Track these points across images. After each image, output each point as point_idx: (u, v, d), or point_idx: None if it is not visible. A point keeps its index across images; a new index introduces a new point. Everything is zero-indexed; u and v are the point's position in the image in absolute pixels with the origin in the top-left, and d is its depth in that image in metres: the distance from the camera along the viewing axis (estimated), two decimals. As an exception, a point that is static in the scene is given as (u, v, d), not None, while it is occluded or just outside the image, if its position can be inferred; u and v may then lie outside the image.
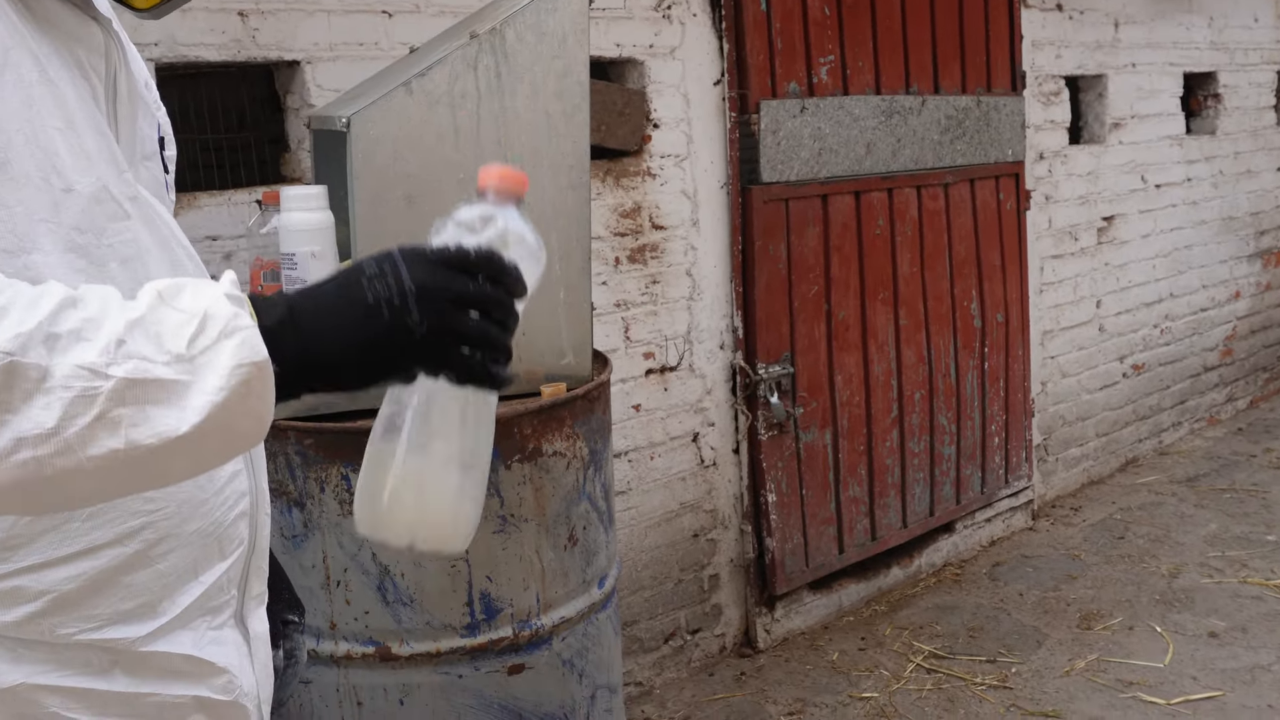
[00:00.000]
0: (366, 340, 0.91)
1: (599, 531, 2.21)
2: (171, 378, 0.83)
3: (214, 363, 0.84)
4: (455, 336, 0.92)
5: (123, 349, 0.82)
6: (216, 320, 0.86)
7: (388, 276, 0.91)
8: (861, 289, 3.73)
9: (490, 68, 1.96)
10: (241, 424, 0.87)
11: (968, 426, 4.20)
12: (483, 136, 1.99)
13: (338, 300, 0.91)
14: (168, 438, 0.83)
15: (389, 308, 0.90)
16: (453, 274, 0.93)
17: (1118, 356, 5.07)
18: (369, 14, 2.62)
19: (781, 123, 3.37)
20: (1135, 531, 4.49)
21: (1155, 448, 5.40)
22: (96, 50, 1.06)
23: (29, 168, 0.93)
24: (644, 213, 3.21)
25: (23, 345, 0.79)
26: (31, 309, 0.81)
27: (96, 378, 0.81)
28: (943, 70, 3.90)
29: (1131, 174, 4.95)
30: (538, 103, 2.01)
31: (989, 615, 3.84)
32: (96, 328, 0.82)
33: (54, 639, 0.99)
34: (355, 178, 1.93)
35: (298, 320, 0.91)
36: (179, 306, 0.86)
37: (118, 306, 0.85)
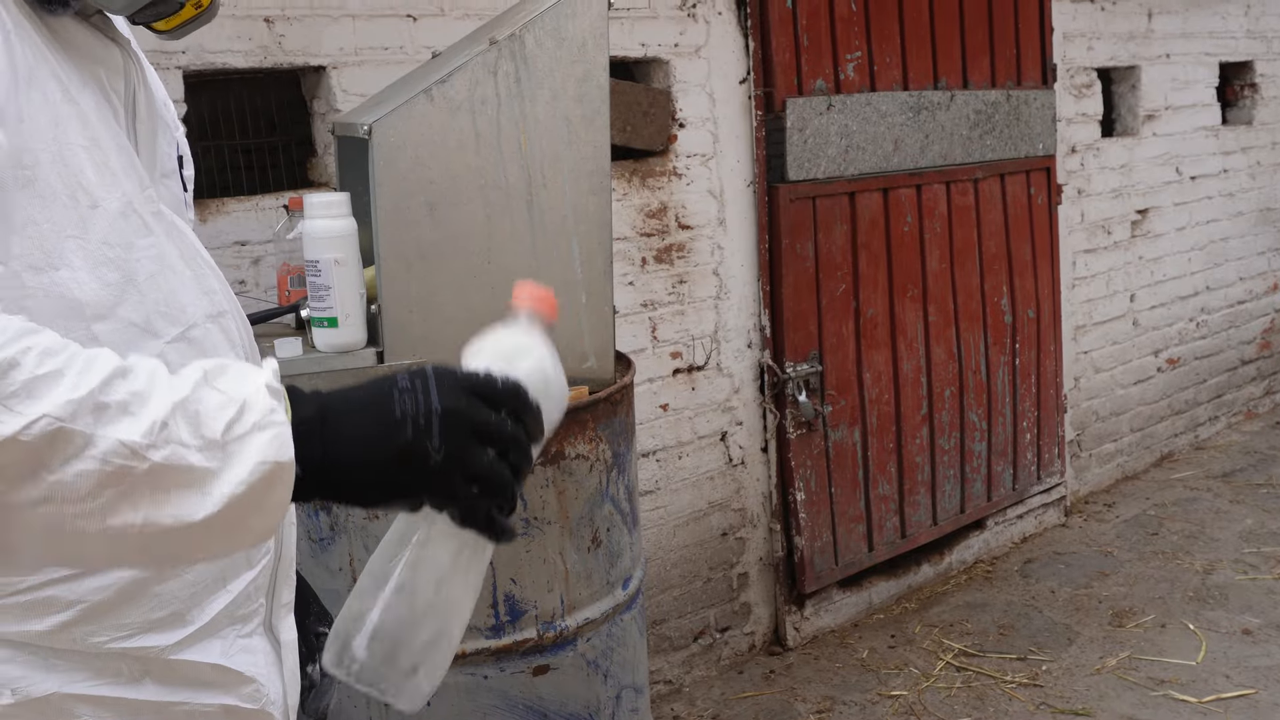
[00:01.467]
0: (385, 455, 0.91)
1: (623, 533, 2.22)
2: (201, 465, 0.85)
3: (242, 454, 0.86)
4: (468, 471, 0.92)
5: (164, 433, 0.84)
6: (254, 411, 0.87)
7: (418, 393, 0.91)
8: (890, 286, 3.71)
9: (510, 73, 1.97)
10: (253, 520, 0.88)
11: (999, 423, 4.18)
12: (503, 142, 2.00)
13: (366, 409, 0.92)
14: (185, 522, 0.85)
15: (413, 426, 0.91)
16: (478, 403, 0.93)
17: (1152, 351, 5.02)
18: (393, 18, 2.63)
19: (808, 120, 3.36)
20: (1169, 528, 4.45)
21: (1191, 442, 5.35)
22: (116, 71, 1.08)
23: (56, 185, 0.95)
24: (670, 213, 3.21)
25: (73, 413, 0.81)
26: (84, 375, 0.83)
27: (135, 458, 0.83)
28: (971, 64, 3.88)
29: (1166, 166, 4.90)
30: (558, 107, 2.02)
31: (1020, 613, 3.82)
32: (143, 404, 0.84)
33: (85, 648, 1.01)
34: (377, 184, 1.95)
35: (326, 423, 0.91)
36: (220, 388, 0.88)
37: (165, 383, 0.86)
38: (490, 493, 0.94)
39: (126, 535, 0.85)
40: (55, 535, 0.84)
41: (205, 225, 2.43)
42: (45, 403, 0.81)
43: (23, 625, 0.98)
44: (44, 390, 0.81)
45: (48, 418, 0.80)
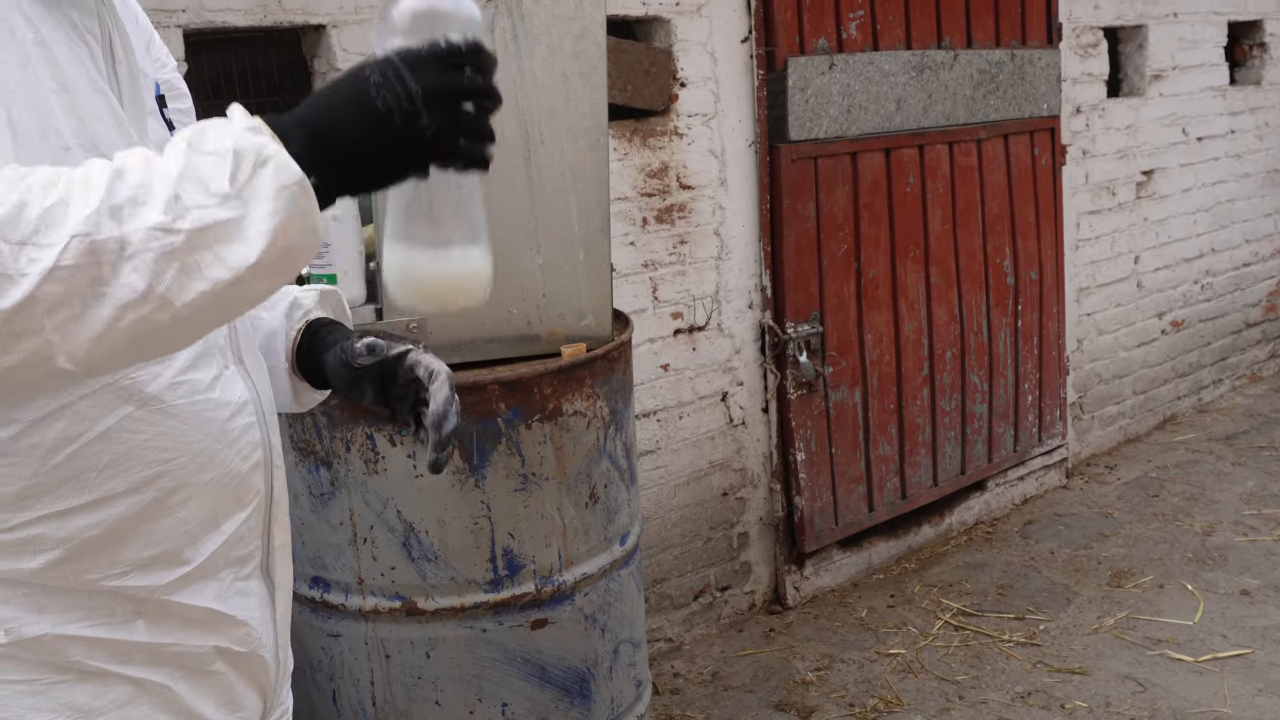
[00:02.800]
0: (383, 147, 0.95)
1: (620, 490, 2.23)
2: (228, 216, 0.89)
3: (258, 193, 0.90)
4: (458, 130, 0.97)
5: (179, 203, 0.88)
6: (248, 154, 0.91)
7: (394, 84, 0.94)
8: (892, 247, 3.71)
9: (507, 30, 1.97)
10: (298, 239, 0.93)
11: (1000, 385, 4.18)
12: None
13: (351, 114, 0.96)
14: (243, 268, 0.90)
15: (400, 113, 0.94)
16: (451, 72, 0.96)
17: (1156, 313, 5.01)
18: (393, -24, 2.62)
19: (810, 80, 3.35)
20: (1170, 490, 4.46)
21: (1194, 405, 5.35)
22: (89, 13, 1.10)
23: (29, 126, 0.98)
24: (671, 172, 3.21)
25: (95, 224, 0.85)
26: (88, 191, 0.87)
27: (168, 235, 0.87)
28: (975, 23, 3.85)
29: (1172, 127, 4.88)
30: (555, 64, 2.02)
31: (1019, 573, 3.84)
32: (148, 190, 0.88)
33: (78, 585, 1.04)
34: (375, 141, 1.95)
35: (319, 140, 0.95)
36: (208, 150, 0.91)
37: (159, 166, 0.91)
38: (477, 137, 0.99)
39: (204, 305, 0.90)
40: (149, 339, 0.89)
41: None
42: (67, 226, 0.85)
43: (16, 563, 1.01)
44: (59, 217, 0.85)
45: (76, 237, 0.84)
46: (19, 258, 0.83)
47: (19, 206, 0.84)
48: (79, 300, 0.85)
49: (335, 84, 0.98)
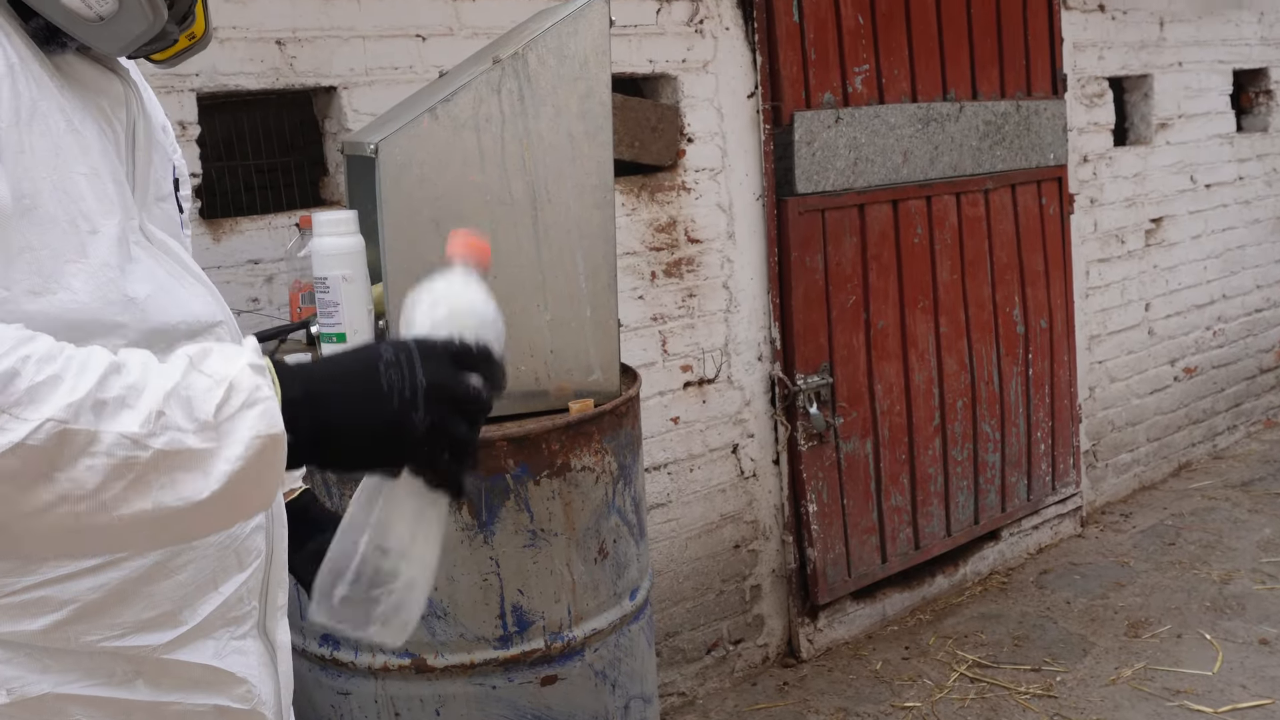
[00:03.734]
0: (372, 427, 0.96)
1: (630, 544, 2.24)
2: (199, 447, 0.90)
3: (235, 432, 0.91)
4: (445, 441, 0.98)
5: (161, 420, 0.89)
6: (240, 390, 0.92)
7: (403, 367, 0.96)
8: (900, 298, 3.73)
9: (513, 91, 2.00)
10: (252, 492, 0.93)
11: (1012, 433, 4.18)
12: (507, 159, 2.03)
13: (353, 384, 0.97)
14: (191, 502, 0.90)
15: (399, 399, 0.96)
16: (458, 374, 0.98)
17: (1169, 360, 5.01)
18: (403, 38, 2.67)
19: (816, 133, 3.38)
20: (1187, 537, 4.43)
21: (1209, 452, 5.33)
22: (118, 101, 1.13)
23: (56, 212, 0.99)
24: (679, 226, 3.24)
25: (75, 413, 0.86)
26: (80, 376, 0.88)
27: (137, 448, 0.88)
28: (980, 75, 3.89)
29: (1180, 174, 4.90)
30: (561, 124, 2.05)
31: (1035, 624, 3.81)
32: (138, 395, 0.89)
33: (79, 647, 1.05)
34: (384, 201, 1.98)
35: (314, 398, 0.96)
36: (207, 371, 0.92)
37: (156, 374, 0.91)
38: (461, 458, 0.99)
39: (139, 523, 0.89)
40: (70, 534, 0.88)
41: (219, 244, 2.47)
42: (48, 407, 0.85)
43: (17, 625, 1.02)
44: (45, 395, 0.85)
45: (52, 421, 0.85)
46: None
47: (10, 375, 0.85)
48: (27, 479, 0.85)
49: (350, 352, 0.99)
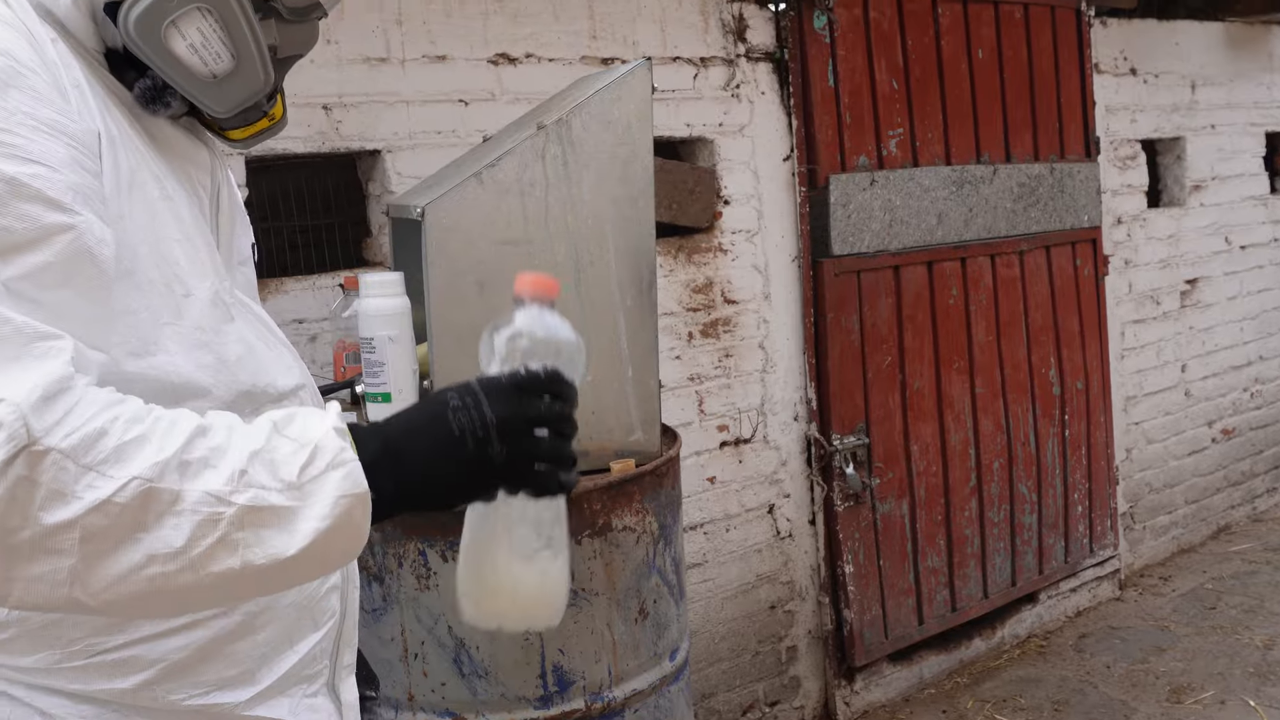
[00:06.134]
0: (454, 470, 1.00)
1: (670, 605, 2.24)
2: (283, 504, 0.93)
3: (321, 492, 0.94)
4: (531, 458, 1.02)
5: (244, 478, 0.92)
6: (325, 452, 0.95)
7: (470, 409, 1.00)
8: (936, 358, 3.73)
9: (557, 156, 2.04)
10: (338, 548, 0.96)
11: (1049, 495, 4.15)
12: (550, 223, 2.06)
13: (427, 434, 1.01)
14: (277, 559, 0.93)
15: (473, 439, 1.00)
16: (526, 400, 1.02)
17: (1206, 421, 4.97)
18: (446, 103, 2.73)
19: (851, 196, 3.41)
20: (1227, 601, 4.38)
21: (1249, 514, 5.27)
22: (204, 168, 1.17)
23: (153, 276, 1.03)
24: (716, 287, 3.27)
25: (160, 472, 0.89)
26: (167, 437, 0.91)
27: (221, 504, 0.91)
28: (1014, 139, 3.92)
29: (1214, 236, 4.89)
30: (604, 189, 2.08)
31: (1075, 688, 3.76)
32: (222, 455, 0.92)
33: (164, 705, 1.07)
34: (429, 264, 2.01)
35: (392, 454, 1.00)
36: (291, 435, 0.96)
37: (240, 435, 0.95)
38: (554, 463, 1.03)
39: (226, 581, 0.92)
40: (161, 594, 0.91)
41: (265, 304, 2.50)
42: (134, 465, 0.88)
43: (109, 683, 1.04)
44: (132, 454, 0.88)
45: (138, 479, 0.88)
46: (80, 480, 0.86)
47: (99, 433, 0.88)
48: (114, 538, 0.88)
49: (417, 404, 1.04)
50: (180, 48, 1.07)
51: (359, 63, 2.61)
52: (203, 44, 1.08)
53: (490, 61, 2.79)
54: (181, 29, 1.06)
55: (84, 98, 1.01)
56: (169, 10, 1.05)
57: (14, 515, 0.84)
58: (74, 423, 0.87)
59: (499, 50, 2.80)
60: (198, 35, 1.07)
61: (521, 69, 2.83)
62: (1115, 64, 4.39)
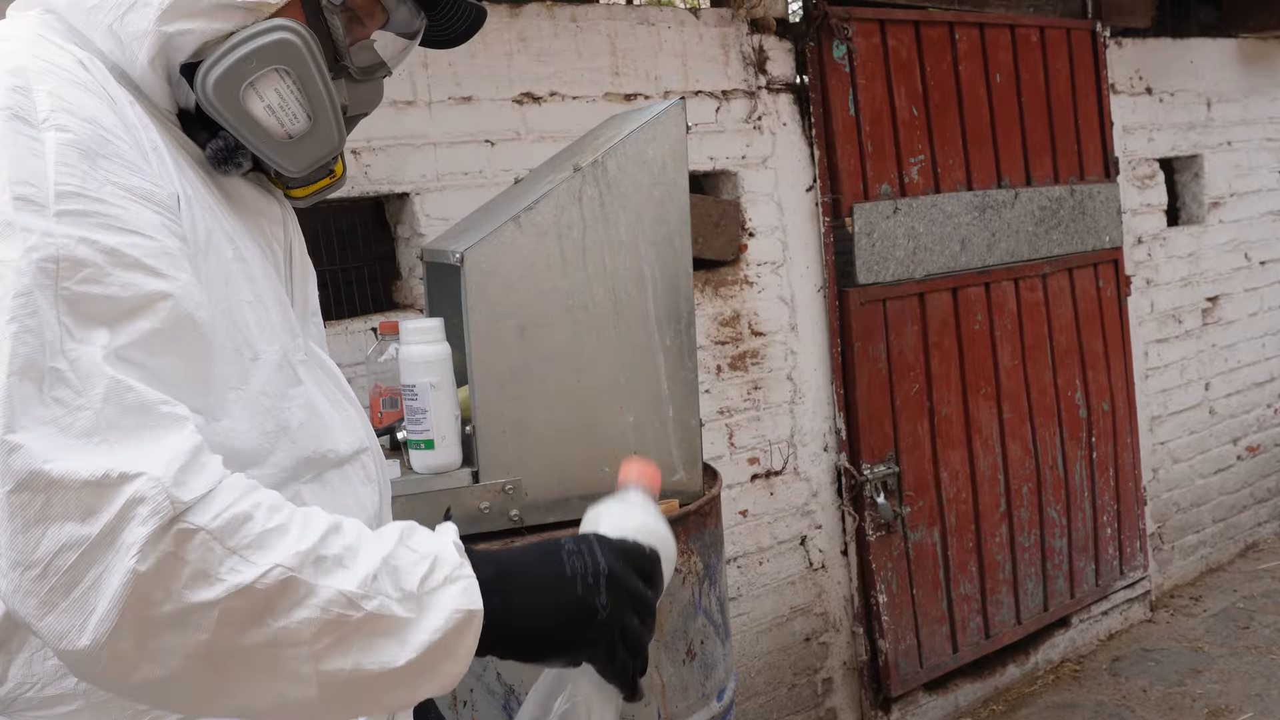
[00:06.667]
0: (558, 610, 0.99)
1: (716, 644, 2.22)
2: (402, 615, 0.92)
3: (437, 604, 0.93)
4: (622, 631, 1.01)
5: (375, 584, 0.91)
6: (445, 565, 0.95)
7: (585, 555, 1.00)
8: (963, 384, 3.72)
9: (594, 198, 2.03)
10: (444, 665, 0.94)
11: (1078, 518, 4.13)
12: (589, 264, 2.05)
13: (539, 567, 1.00)
14: (385, 668, 0.91)
15: (582, 584, 0.99)
16: (633, 570, 1.02)
17: (1230, 439, 4.95)
18: (472, 144, 2.73)
19: (875, 224, 3.41)
20: (1260, 620, 4.34)
21: (1276, 531, 5.23)
22: (276, 222, 1.16)
23: (224, 340, 1.02)
24: (743, 320, 3.26)
25: (300, 563, 0.89)
26: (305, 530, 0.91)
27: (351, 607, 0.90)
28: (1034, 162, 3.92)
29: (1234, 252, 4.88)
30: (641, 229, 2.08)
31: (1112, 713, 3.73)
32: (354, 556, 0.92)
33: None
34: (469, 309, 2.00)
35: (504, 578, 0.99)
36: (413, 546, 0.95)
37: (370, 540, 0.94)
38: (635, 654, 1.02)
39: (335, 680, 0.90)
40: (271, 674, 0.89)
41: (297, 350, 2.50)
42: (276, 553, 0.88)
43: None
44: (274, 542, 0.88)
45: (280, 567, 0.87)
46: (224, 562, 0.86)
47: (245, 518, 0.87)
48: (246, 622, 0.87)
49: (534, 542, 1.04)
50: (258, 109, 1.06)
51: (386, 106, 2.60)
52: (280, 105, 1.07)
53: (515, 101, 2.79)
54: (259, 90, 1.06)
55: (162, 160, 1.00)
56: (248, 72, 1.04)
57: (157, 589, 0.84)
58: (220, 504, 0.86)
59: (524, 89, 2.80)
60: (275, 97, 1.07)
61: (546, 108, 2.83)
62: (1131, 83, 4.39)
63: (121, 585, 0.83)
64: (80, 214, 0.89)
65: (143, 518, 0.83)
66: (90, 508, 0.82)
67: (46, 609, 0.83)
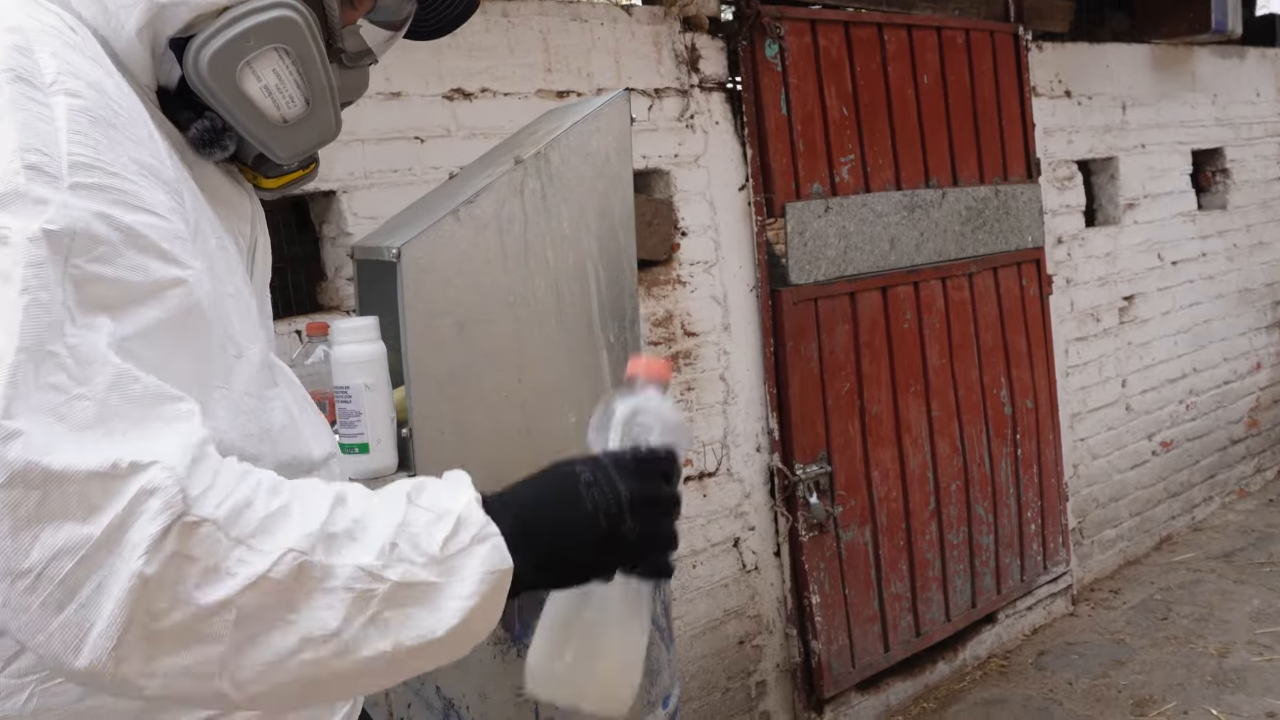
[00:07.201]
0: (586, 548, 0.95)
1: (661, 650, 2.17)
2: (429, 580, 0.86)
3: (465, 567, 0.87)
4: (655, 541, 0.98)
5: (395, 552, 0.85)
6: (469, 525, 0.89)
7: (603, 485, 0.95)
8: (893, 383, 3.72)
9: (536, 191, 1.98)
10: (479, 625, 0.89)
11: (1004, 514, 4.16)
12: (531, 259, 2.00)
13: (559, 508, 0.95)
14: (426, 640, 0.86)
15: (606, 517, 0.95)
16: (656, 481, 0.98)
17: (1146, 435, 5.04)
18: (401, 141, 2.65)
19: (807, 224, 3.40)
20: (1178, 611, 4.42)
21: (1189, 524, 5.35)
22: (245, 217, 1.10)
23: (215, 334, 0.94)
24: (676, 320, 3.22)
25: (311, 545, 0.82)
26: (309, 507, 0.84)
27: (374, 580, 0.84)
28: (960, 162, 3.94)
29: (1148, 253, 4.98)
30: (584, 222, 2.03)
31: (1040, 708, 3.76)
32: (364, 528, 0.85)
33: None
34: (406, 306, 1.93)
35: (525, 529, 0.93)
36: (425, 505, 0.89)
37: (378, 506, 0.88)
38: (666, 548, 0.99)
39: (376, 664, 0.84)
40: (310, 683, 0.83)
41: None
42: (284, 537, 0.81)
43: None
44: (278, 525, 0.81)
45: (292, 552, 0.81)
46: (231, 554, 0.78)
47: (245, 503, 0.80)
48: (265, 621, 0.80)
49: (544, 475, 0.98)
50: (254, 90, 0.99)
51: (312, 100, 2.52)
52: (278, 87, 1.01)
53: (446, 97, 2.72)
54: (257, 70, 0.99)
55: (154, 137, 0.93)
56: (246, 50, 0.97)
57: (162, 597, 0.76)
58: (222, 491, 0.79)
59: (454, 85, 2.73)
60: (273, 77, 1.00)
61: (477, 104, 2.76)
62: (1051, 86, 4.45)
63: (125, 594, 0.74)
64: (95, 188, 0.82)
65: (153, 513, 0.75)
66: (94, 503, 0.74)
67: (38, 627, 0.75)
